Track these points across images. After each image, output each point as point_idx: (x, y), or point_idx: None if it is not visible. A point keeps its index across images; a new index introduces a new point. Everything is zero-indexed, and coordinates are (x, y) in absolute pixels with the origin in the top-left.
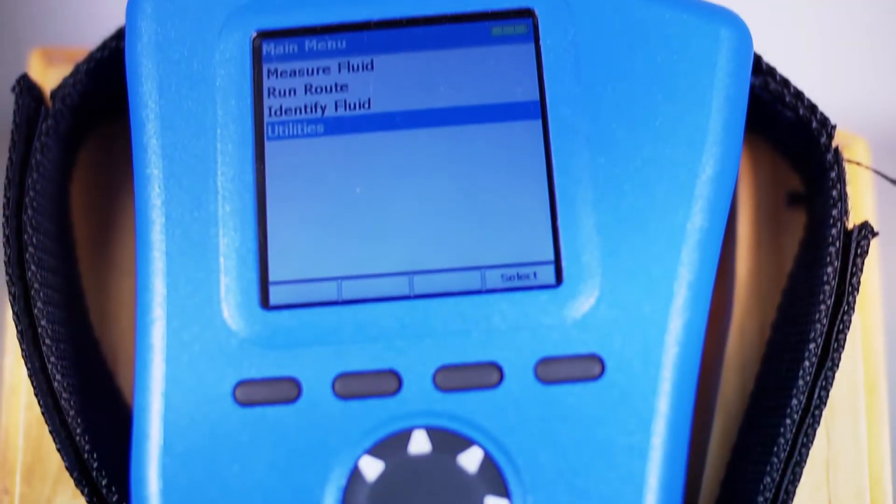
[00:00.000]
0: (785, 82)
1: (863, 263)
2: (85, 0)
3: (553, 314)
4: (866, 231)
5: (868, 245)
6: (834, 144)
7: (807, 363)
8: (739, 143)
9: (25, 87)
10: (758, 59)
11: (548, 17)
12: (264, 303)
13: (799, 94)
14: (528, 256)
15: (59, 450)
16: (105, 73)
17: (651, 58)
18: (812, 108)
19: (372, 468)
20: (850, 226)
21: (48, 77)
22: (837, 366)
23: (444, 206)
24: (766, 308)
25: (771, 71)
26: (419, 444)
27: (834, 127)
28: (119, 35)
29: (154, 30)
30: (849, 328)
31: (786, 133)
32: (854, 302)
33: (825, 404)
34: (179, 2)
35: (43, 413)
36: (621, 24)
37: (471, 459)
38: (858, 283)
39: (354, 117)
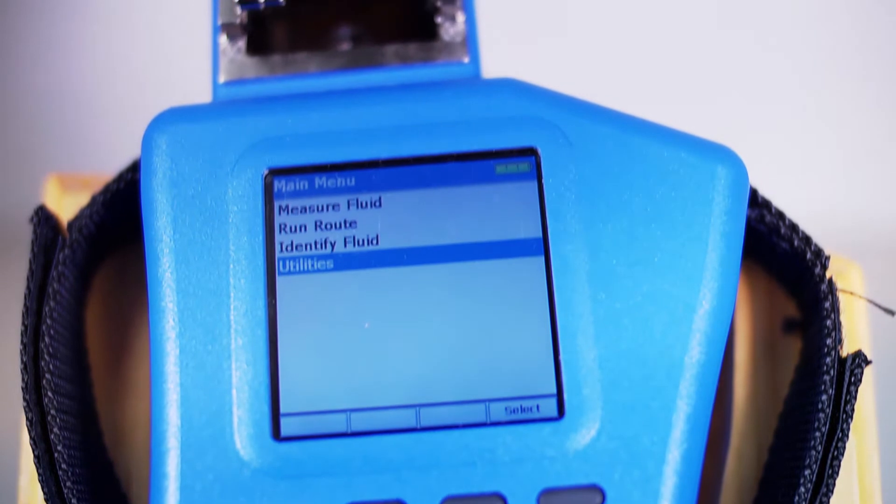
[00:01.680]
0: (780, 215)
1: (857, 391)
2: (99, 127)
3: (555, 446)
4: (860, 360)
5: (861, 373)
6: (828, 275)
7: (802, 489)
8: (736, 277)
9: (43, 218)
10: (754, 193)
11: (550, 156)
12: (276, 434)
13: (794, 227)
14: (531, 390)
15: None
16: (120, 203)
17: (650, 195)
18: (807, 239)
19: None
20: (844, 354)
21: (63, 203)
22: (832, 491)
23: (449, 341)
24: (764, 432)
25: (767, 204)
26: None
27: (828, 258)
28: (134, 167)
29: (168, 165)
30: (843, 454)
31: (782, 262)
32: (848, 429)
33: None
34: (193, 138)
35: None
36: (621, 161)
37: None
38: (853, 410)
39: (363, 253)
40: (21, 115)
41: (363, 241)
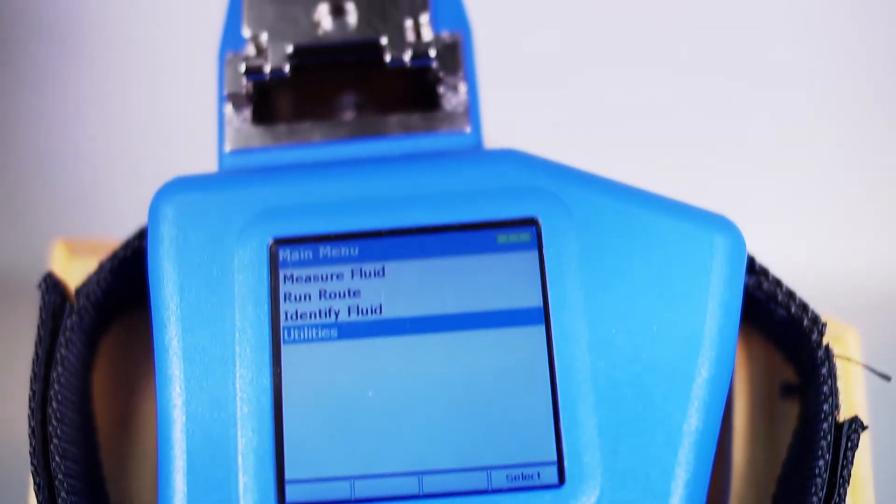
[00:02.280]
0: (777, 282)
1: (853, 456)
2: (106, 191)
3: None
4: (856, 425)
5: (858, 438)
6: (825, 341)
7: None
8: (734, 345)
9: (51, 284)
10: (751, 261)
11: (550, 226)
12: (281, 501)
13: (791, 293)
14: (532, 457)
15: None
16: (127, 269)
17: (649, 264)
18: (804, 306)
19: None
20: (841, 419)
21: (70, 268)
22: None
23: (452, 409)
24: (762, 496)
25: (764, 271)
26: None
27: (824, 324)
28: (141, 234)
29: (175, 234)
30: None
31: (779, 328)
32: (845, 493)
33: None
34: (200, 207)
35: None
36: (620, 231)
37: None
38: (849, 475)
39: (366, 322)
40: (29, 179)
41: (367, 310)
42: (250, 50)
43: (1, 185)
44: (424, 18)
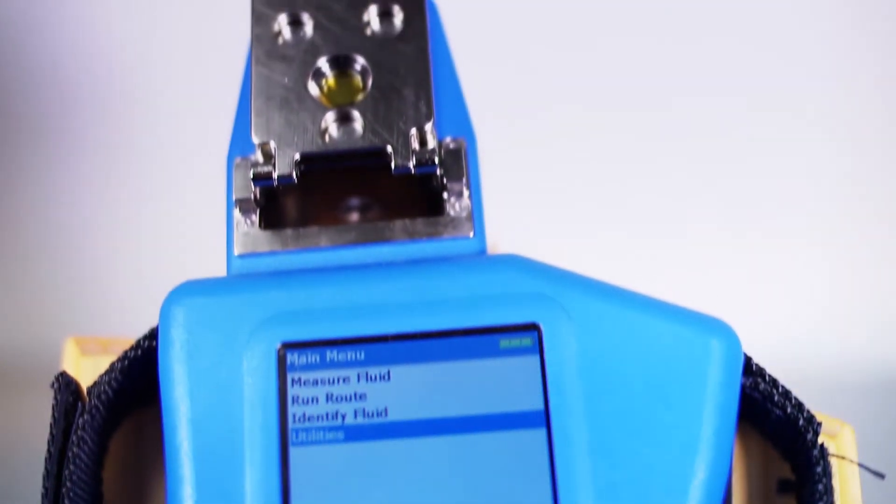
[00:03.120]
0: (774, 382)
1: None
2: (115, 291)
3: None
4: None
5: None
6: (820, 440)
7: None
8: (731, 446)
9: (64, 384)
10: (748, 361)
11: (551, 331)
12: None
13: (787, 393)
14: None
15: None
16: (138, 368)
17: (648, 368)
18: (799, 406)
19: None
20: None
21: (81, 366)
22: None
23: None
24: None
25: (761, 372)
26: None
27: (819, 424)
28: (151, 335)
29: (185, 338)
30: None
31: (775, 427)
32: None
33: None
34: (209, 311)
35: None
36: (620, 336)
37: None
38: None
39: (372, 425)
40: (42, 277)
41: (373, 413)
42: (258, 156)
43: (13, 278)
44: (429, 126)
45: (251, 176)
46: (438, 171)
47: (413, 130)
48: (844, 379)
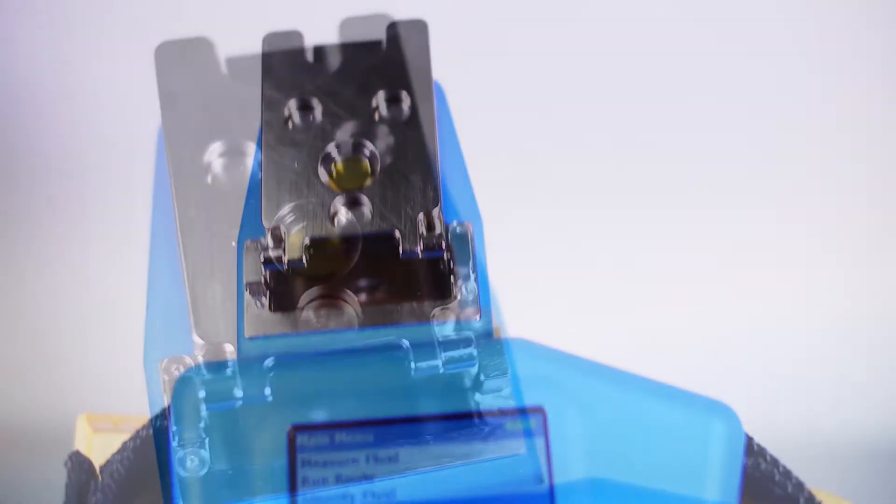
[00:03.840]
0: (775, 462)
1: None
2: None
3: None
4: None
5: None
6: None
7: None
8: None
9: (77, 462)
10: (749, 441)
11: (556, 414)
12: None
13: (787, 473)
14: None
15: None
16: (149, 448)
17: (650, 450)
18: (800, 485)
19: None
20: None
21: (93, 443)
22: None
23: None
24: None
25: (762, 452)
26: None
27: (820, 503)
28: (163, 414)
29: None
30: None
31: None
32: None
33: None
34: (220, 394)
35: None
36: (622, 418)
37: None
38: None
39: None
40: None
41: (381, 494)
42: (269, 240)
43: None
44: (436, 211)
45: (261, 260)
46: (445, 256)
47: (420, 215)
48: (843, 446)
